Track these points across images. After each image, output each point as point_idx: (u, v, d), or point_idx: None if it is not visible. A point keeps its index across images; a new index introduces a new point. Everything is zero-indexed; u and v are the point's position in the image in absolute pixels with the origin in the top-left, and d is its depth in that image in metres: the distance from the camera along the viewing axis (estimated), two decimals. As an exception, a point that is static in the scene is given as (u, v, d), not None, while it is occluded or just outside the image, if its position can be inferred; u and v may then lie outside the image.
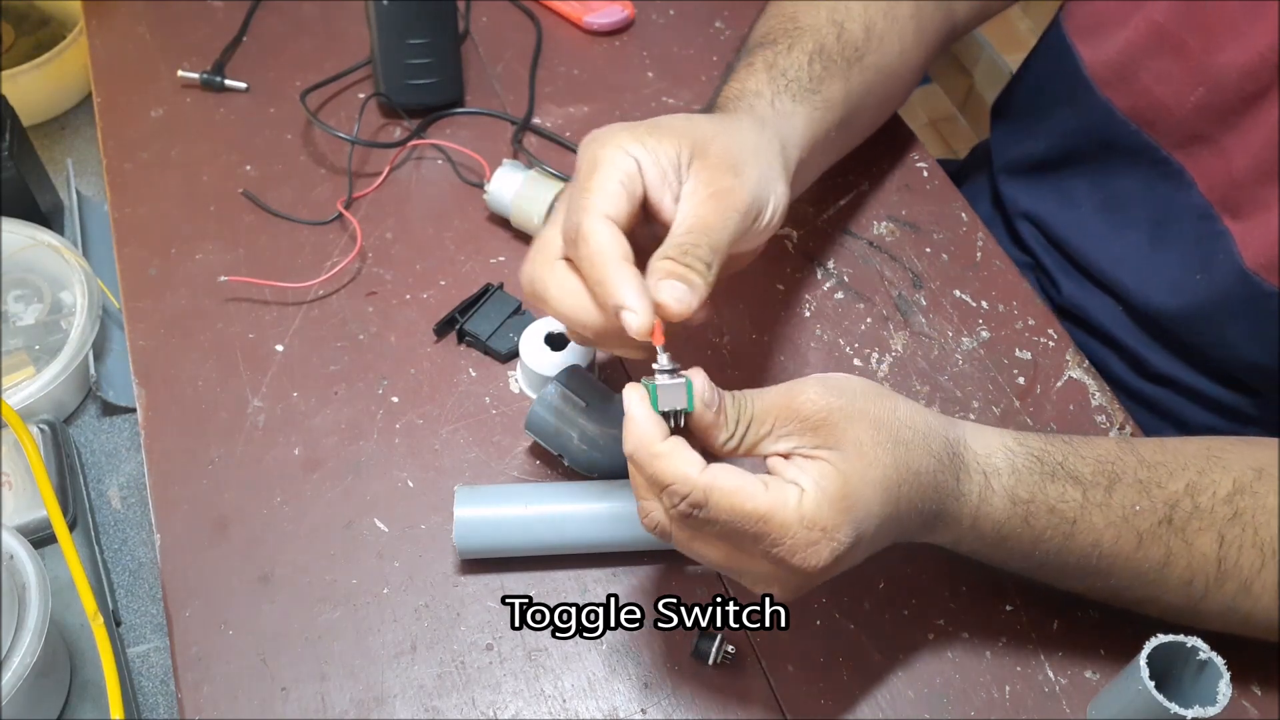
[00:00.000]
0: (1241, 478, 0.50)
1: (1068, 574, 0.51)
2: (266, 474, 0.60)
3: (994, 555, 0.51)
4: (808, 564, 0.42)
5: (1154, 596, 0.51)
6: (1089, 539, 0.49)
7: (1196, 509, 0.49)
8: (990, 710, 0.53)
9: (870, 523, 0.44)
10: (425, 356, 0.66)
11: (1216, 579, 0.49)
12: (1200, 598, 0.50)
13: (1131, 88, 0.67)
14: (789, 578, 0.44)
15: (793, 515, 0.42)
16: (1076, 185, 0.75)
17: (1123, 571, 0.50)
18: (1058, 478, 0.49)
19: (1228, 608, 0.50)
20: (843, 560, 0.44)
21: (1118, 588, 0.51)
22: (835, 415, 0.44)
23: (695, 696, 0.53)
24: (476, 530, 0.55)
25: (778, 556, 0.43)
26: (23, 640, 0.52)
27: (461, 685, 0.53)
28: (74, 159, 0.86)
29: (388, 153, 0.76)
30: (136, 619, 0.63)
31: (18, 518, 0.62)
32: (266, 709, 0.52)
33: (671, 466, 0.43)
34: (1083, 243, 0.74)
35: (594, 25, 0.86)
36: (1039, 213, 0.78)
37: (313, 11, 0.87)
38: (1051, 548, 0.49)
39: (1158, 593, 0.50)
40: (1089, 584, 0.52)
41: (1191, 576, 0.49)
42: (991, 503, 0.48)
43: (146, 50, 0.84)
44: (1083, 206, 0.74)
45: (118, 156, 0.76)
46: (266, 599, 0.55)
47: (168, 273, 0.69)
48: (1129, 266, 0.71)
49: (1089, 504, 0.49)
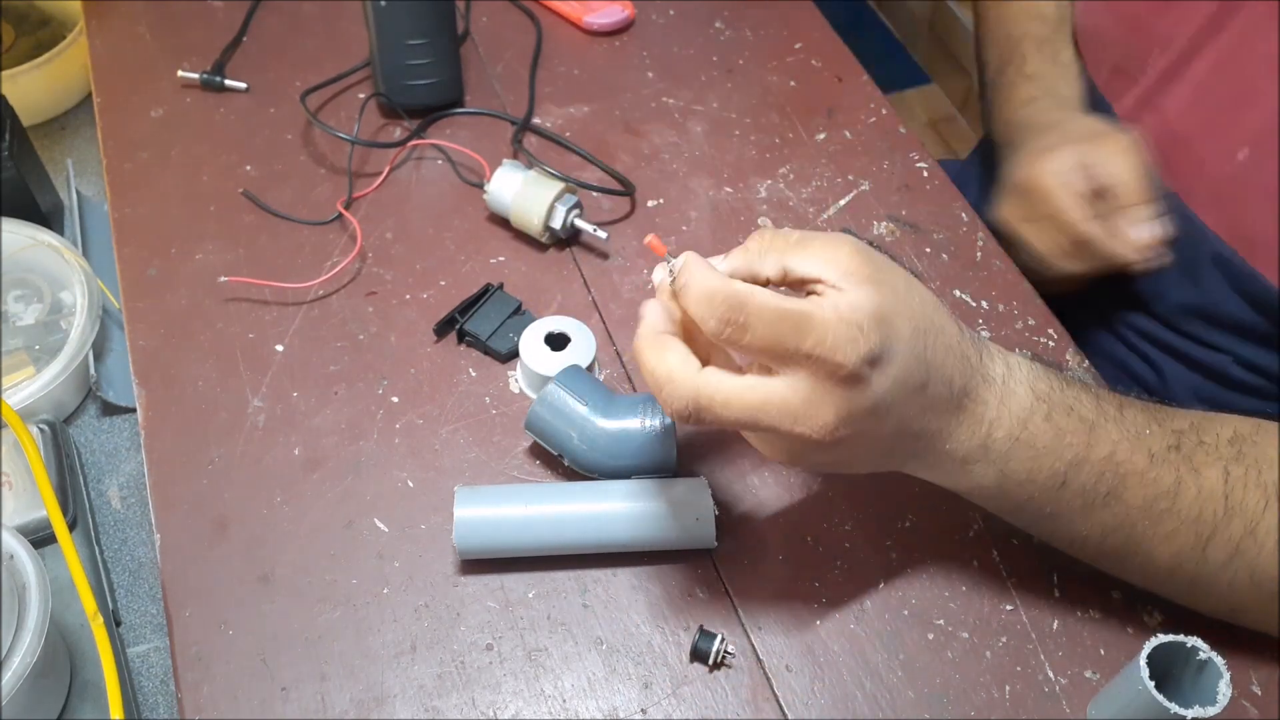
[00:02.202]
0: (1241, 428, 0.51)
1: (1085, 499, 0.49)
2: (266, 474, 0.60)
3: (1015, 470, 0.48)
4: (847, 359, 0.42)
5: (1163, 534, 0.50)
6: (1105, 448, 0.48)
7: (1201, 443, 0.50)
8: (990, 710, 0.53)
9: (900, 351, 0.43)
10: (425, 356, 0.66)
11: (1224, 516, 0.49)
12: (1208, 537, 0.49)
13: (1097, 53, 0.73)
14: (821, 391, 0.43)
15: (830, 313, 0.42)
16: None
17: (1136, 494, 0.49)
18: (1072, 384, 0.50)
19: (1233, 551, 0.49)
20: (872, 379, 0.43)
21: (1130, 525, 0.50)
22: (871, 265, 0.44)
23: (695, 696, 0.53)
24: (476, 530, 0.55)
25: (816, 354, 0.42)
26: (23, 640, 0.52)
27: (461, 685, 0.53)
28: (74, 159, 0.86)
29: (388, 153, 0.76)
30: (136, 619, 0.63)
31: (18, 518, 0.62)
32: (266, 709, 0.52)
33: (714, 278, 0.43)
34: None
35: (594, 25, 0.86)
36: None
37: (313, 11, 0.87)
38: (1070, 455, 0.48)
39: (1167, 528, 0.49)
40: (1103, 520, 0.50)
41: (1200, 509, 0.49)
42: (1015, 392, 0.48)
43: (146, 50, 0.84)
44: None
45: (118, 156, 0.76)
46: (266, 599, 0.56)
47: (168, 273, 0.69)
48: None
49: (1104, 413, 0.49)
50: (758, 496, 0.60)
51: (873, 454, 0.47)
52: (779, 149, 0.79)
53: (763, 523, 0.59)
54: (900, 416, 0.45)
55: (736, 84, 0.83)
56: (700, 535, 0.55)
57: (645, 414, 0.57)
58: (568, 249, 0.72)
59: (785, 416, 0.44)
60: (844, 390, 0.43)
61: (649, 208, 0.74)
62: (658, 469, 0.58)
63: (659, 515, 0.55)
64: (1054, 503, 0.50)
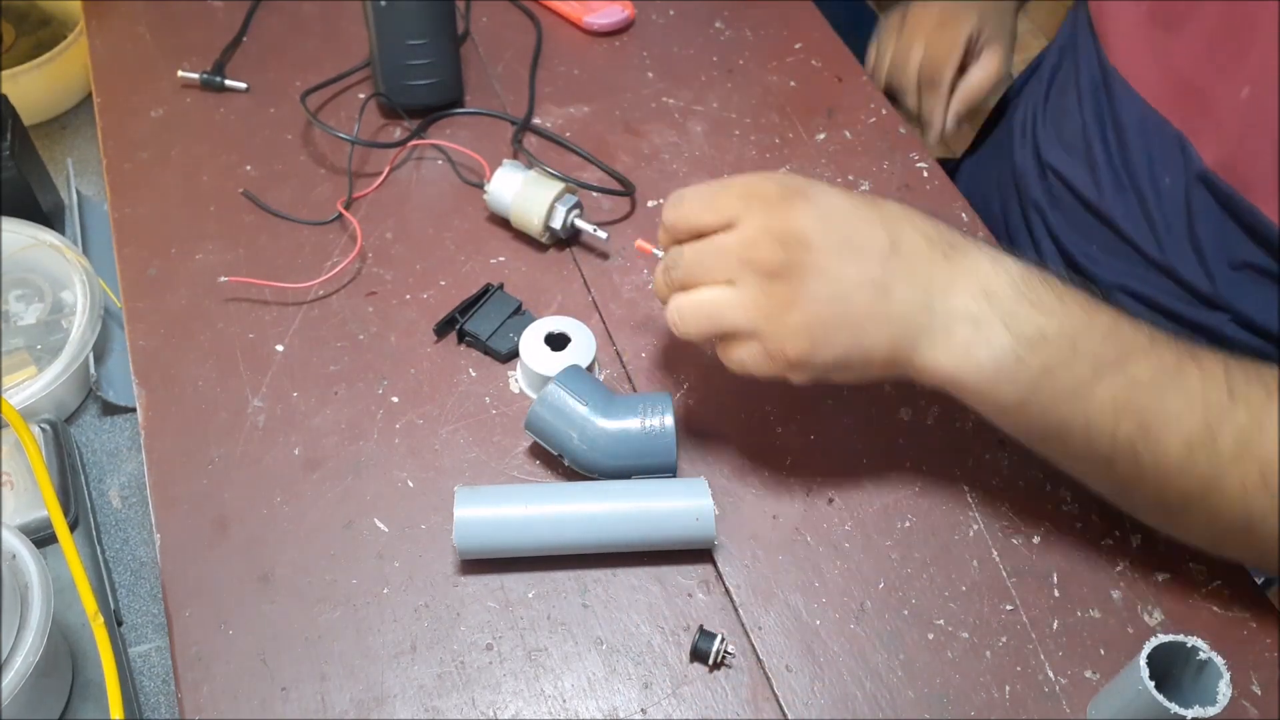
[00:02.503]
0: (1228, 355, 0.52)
1: (1095, 369, 0.49)
2: (266, 474, 0.60)
3: (1027, 330, 0.49)
4: (760, 182, 0.52)
5: (1173, 414, 0.49)
6: (1107, 319, 0.50)
7: (1195, 344, 0.51)
8: (990, 710, 0.53)
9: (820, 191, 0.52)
10: (425, 356, 0.66)
11: (1229, 402, 0.49)
12: (1217, 423, 0.48)
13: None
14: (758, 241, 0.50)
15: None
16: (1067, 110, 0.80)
17: (1140, 368, 0.49)
18: (1066, 286, 0.51)
19: (1243, 441, 0.48)
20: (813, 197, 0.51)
21: (1140, 404, 0.49)
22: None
23: (695, 696, 0.53)
24: (476, 530, 0.55)
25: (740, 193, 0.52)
26: (25, 640, 0.52)
27: (461, 685, 0.53)
28: (74, 159, 0.86)
29: (388, 153, 0.76)
30: (138, 619, 0.63)
31: (19, 517, 0.62)
32: (266, 709, 0.52)
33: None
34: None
35: (594, 25, 0.86)
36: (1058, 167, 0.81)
37: (313, 11, 0.87)
38: (1076, 321, 0.49)
39: (1176, 406, 0.49)
40: (1113, 397, 0.49)
41: (1205, 392, 0.49)
42: (1009, 259, 0.51)
43: (146, 50, 0.84)
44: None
45: (118, 156, 0.76)
46: (266, 599, 0.56)
47: (168, 273, 0.69)
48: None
49: (1097, 299, 0.51)
50: (758, 496, 0.60)
51: (864, 319, 0.50)
52: (779, 149, 0.79)
53: (763, 523, 0.59)
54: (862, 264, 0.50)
55: (736, 84, 0.83)
56: (700, 535, 0.55)
57: (645, 414, 0.57)
58: (568, 249, 0.72)
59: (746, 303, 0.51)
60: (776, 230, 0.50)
61: (649, 208, 0.74)
62: (658, 469, 0.58)
63: (659, 515, 0.55)
64: (1067, 372, 0.49)
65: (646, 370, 0.66)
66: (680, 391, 0.64)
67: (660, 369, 0.65)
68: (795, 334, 0.50)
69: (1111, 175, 0.73)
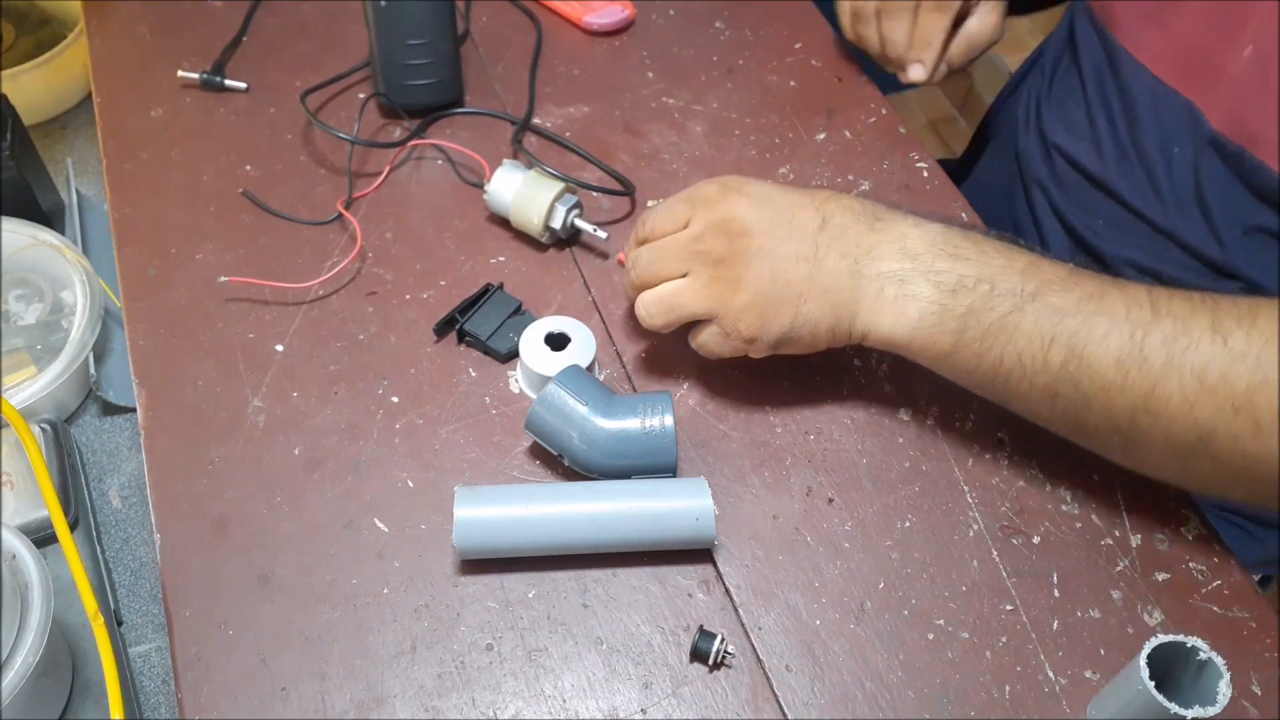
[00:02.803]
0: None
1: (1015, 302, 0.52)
2: (266, 474, 0.60)
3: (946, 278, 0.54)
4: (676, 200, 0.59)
5: (1099, 333, 0.51)
6: (1024, 257, 0.54)
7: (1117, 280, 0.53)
8: (990, 710, 0.53)
9: (766, 187, 0.58)
10: (425, 356, 0.66)
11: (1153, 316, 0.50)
12: (1143, 335, 0.50)
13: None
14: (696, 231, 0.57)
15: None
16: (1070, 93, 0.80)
17: (1061, 297, 0.52)
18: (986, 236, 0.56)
19: (1171, 347, 0.49)
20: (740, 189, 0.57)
21: (1068, 330, 0.51)
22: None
23: (695, 696, 0.53)
24: (476, 530, 0.55)
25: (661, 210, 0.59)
26: (25, 640, 0.52)
27: (461, 685, 0.53)
28: (74, 159, 0.86)
29: (388, 153, 0.76)
30: (138, 619, 0.63)
31: (19, 517, 0.62)
32: (266, 709, 0.52)
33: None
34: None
35: (594, 25, 0.86)
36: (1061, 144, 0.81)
37: (313, 11, 0.87)
38: (995, 264, 0.53)
39: (1101, 329, 0.51)
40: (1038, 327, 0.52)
41: (1128, 308, 0.51)
42: (925, 225, 0.56)
43: (146, 50, 0.84)
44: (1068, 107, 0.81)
45: (118, 156, 0.76)
46: (266, 599, 0.56)
47: (168, 273, 0.69)
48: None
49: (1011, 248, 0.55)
50: (758, 496, 0.60)
51: (803, 292, 0.55)
52: (779, 149, 0.79)
53: (763, 523, 0.59)
54: (796, 242, 0.55)
55: (736, 84, 0.83)
56: (700, 535, 0.55)
57: (645, 414, 0.57)
58: (568, 249, 0.72)
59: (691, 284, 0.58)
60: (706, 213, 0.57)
61: (649, 208, 0.74)
62: (658, 469, 0.58)
63: (659, 515, 0.55)
64: (990, 311, 0.53)
65: (646, 370, 0.66)
66: (680, 391, 0.64)
67: (660, 369, 0.65)
68: (745, 311, 0.56)
69: (1118, 150, 0.74)
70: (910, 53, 0.77)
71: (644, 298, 0.60)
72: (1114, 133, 0.75)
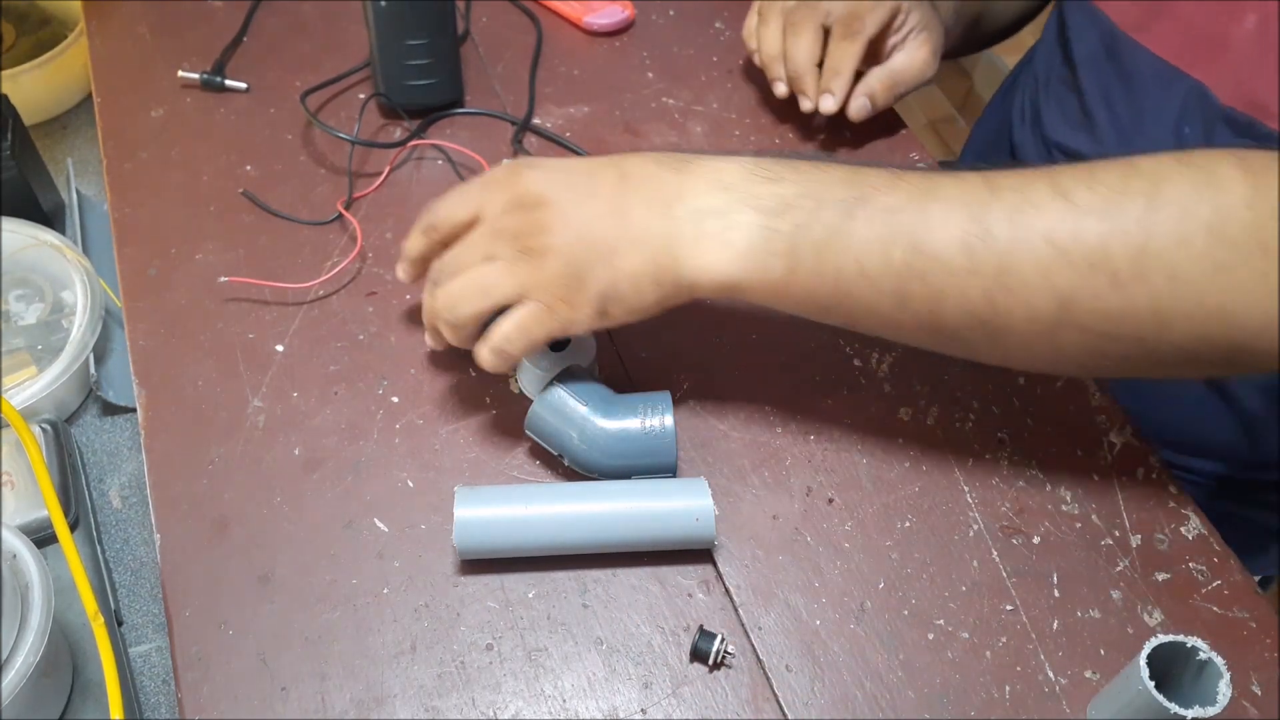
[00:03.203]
0: None
1: (844, 212, 0.50)
2: (266, 474, 0.60)
3: (767, 203, 0.51)
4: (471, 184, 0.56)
5: (939, 223, 0.49)
6: (841, 170, 0.52)
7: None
8: (990, 710, 0.53)
9: (555, 160, 0.56)
10: (425, 356, 0.66)
11: (990, 196, 0.48)
12: (983, 216, 0.48)
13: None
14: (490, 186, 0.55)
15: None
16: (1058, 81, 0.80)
17: (890, 197, 0.50)
18: (800, 157, 0.54)
19: (1016, 224, 0.47)
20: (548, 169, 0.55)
21: (902, 229, 0.49)
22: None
23: (695, 696, 0.53)
24: (476, 530, 0.55)
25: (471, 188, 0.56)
26: (26, 640, 0.52)
27: (461, 685, 0.53)
28: (74, 159, 0.86)
29: (388, 153, 0.76)
30: (138, 619, 0.63)
31: (20, 517, 0.62)
32: (266, 709, 0.52)
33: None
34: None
35: (594, 25, 0.86)
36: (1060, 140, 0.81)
37: (313, 12, 0.87)
38: (814, 178, 0.51)
39: (938, 215, 0.49)
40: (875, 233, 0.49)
41: (962, 191, 0.49)
42: (735, 158, 0.54)
43: (146, 50, 0.84)
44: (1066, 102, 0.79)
45: (118, 156, 0.76)
46: (266, 599, 0.56)
47: (168, 273, 0.70)
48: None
49: (828, 163, 0.53)
50: (758, 496, 0.60)
51: (614, 246, 0.52)
52: (779, 149, 0.78)
53: (763, 523, 0.59)
54: (596, 200, 0.53)
55: (736, 84, 0.83)
56: (700, 535, 0.55)
57: (645, 414, 0.57)
58: (568, 249, 0.72)
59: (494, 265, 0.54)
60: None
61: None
62: (658, 469, 0.58)
63: (659, 515, 0.55)
64: (819, 223, 0.50)
65: (646, 370, 0.66)
66: (680, 391, 0.64)
67: (660, 369, 0.66)
68: (558, 280, 0.53)
69: (1120, 138, 0.74)
70: (821, 82, 0.75)
71: (449, 289, 0.55)
72: (1115, 121, 0.75)
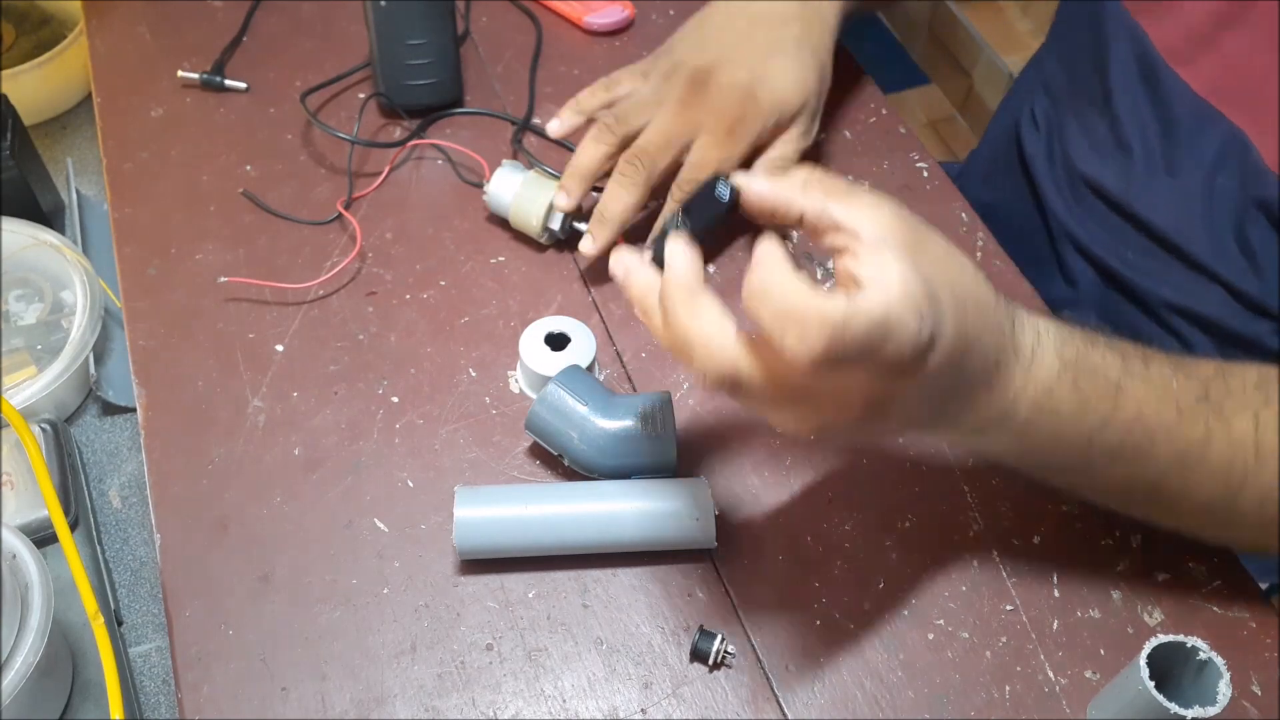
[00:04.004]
0: (1265, 372, 0.51)
1: (1111, 456, 0.49)
2: (266, 474, 0.60)
3: (1037, 438, 0.48)
4: (902, 351, 0.39)
5: (1192, 485, 0.50)
6: (1132, 408, 0.48)
7: (1229, 390, 0.49)
8: (990, 710, 0.53)
9: (947, 330, 0.41)
10: (425, 356, 0.66)
11: (1255, 464, 0.49)
12: (1239, 486, 0.49)
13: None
14: (879, 381, 0.41)
15: (883, 307, 0.38)
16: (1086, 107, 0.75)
17: (1165, 449, 0.49)
18: (1097, 344, 0.48)
19: (1264, 497, 0.49)
20: (927, 358, 0.40)
21: (1158, 476, 0.50)
22: (912, 230, 0.42)
23: (695, 696, 0.53)
24: (476, 530, 0.55)
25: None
26: (25, 640, 0.52)
27: (461, 685, 0.53)
28: (74, 159, 0.86)
29: (387, 153, 0.76)
30: (138, 619, 0.63)
31: (19, 517, 0.62)
32: (266, 709, 0.52)
33: (804, 294, 0.38)
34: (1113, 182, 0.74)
35: (594, 25, 0.86)
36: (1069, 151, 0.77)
37: (313, 11, 0.87)
38: (1097, 419, 0.48)
39: (1196, 479, 0.50)
40: (1130, 473, 0.50)
41: (1231, 458, 0.49)
42: (1043, 360, 0.46)
43: (146, 50, 0.84)
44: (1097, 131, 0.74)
45: (118, 156, 0.76)
46: (266, 599, 0.56)
47: (168, 273, 0.69)
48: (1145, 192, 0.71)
49: (1129, 373, 0.48)
50: (757, 496, 0.60)
51: (900, 426, 0.46)
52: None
53: (763, 523, 0.59)
54: (936, 390, 0.43)
55: (736, 84, 0.83)
56: (700, 535, 0.55)
57: (645, 414, 0.57)
58: (567, 249, 0.72)
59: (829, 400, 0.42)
60: (891, 377, 0.41)
61: (648, 208, 0.74)
62: (658, 469, 0.58)
63: (659, 515, 0.55)
64: (1078, 461, 0.49)
65: (646, 370, 0.66)
66: (680, 391, 0.64)
67: (660, 369, 0.65)
68: (833, 431, 0.45)
69: (1149, 173, 0.70)
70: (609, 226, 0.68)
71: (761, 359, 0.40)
72: (1149, 157, 0.70)
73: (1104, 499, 0.54)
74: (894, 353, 0.39)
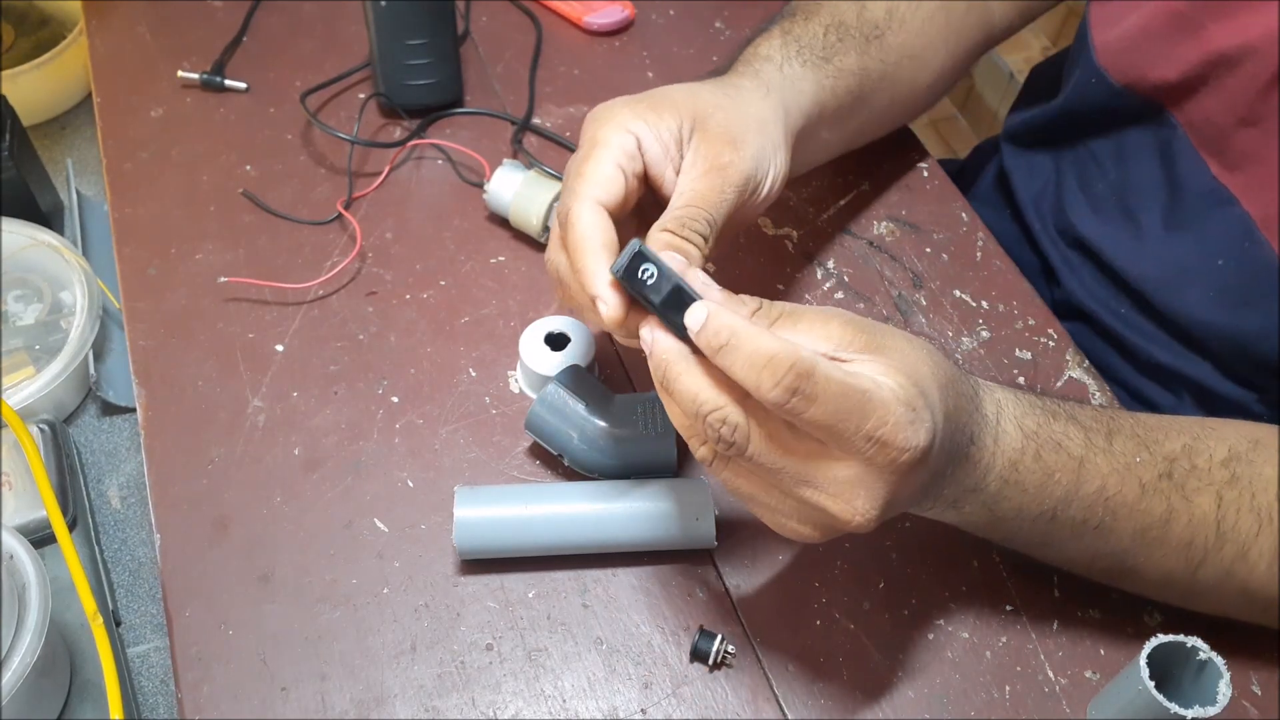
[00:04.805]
0: (1236, 446, 0.50)
1: (1075, 531, 0.49)
2: (266, 474, 0.60)
3: (1004, 509, 0.48)
4: (911, 443, 0.40)
5: (1154, 561, 0.50)
6: (1095, 483, 0.48)
7: (1194, 468, 0.49)
8: (990, 710, 0.53)
9: (938, 418, 0.42)
10: (425, 356, 0.66)
11: (1215, 541, 0.49)
12: (1199, 562, 0.50)
13: (1131, 59, 0.66)
14: (874, 474, 0.41)
15: (889, 393, 0.40)
16: (1085, 161, 0.73)
17: (1126, 525, 0.49)
18: (1059, 417, 0.48)
19: (1225, 574, 0.50)
20: (927, 460, 0.41)
21: (1120, 551, 0.50)
22: (865, 333, 0.42)
23: (695, 696, 0.53)
24: (476, 530, 0.55)
25: (881, 438, 0.39)
26: (23, 640, 0.52)
27: (461, 685, 0.53)
28: (74, 159, 0.86)
29: (387, 153, 0.76)
30: (136, 619, 0.63)
31: (18, 518, 0.62)
32: (266, 709, 0.52)
33: (770, 339, 0.39)
34: (1092, 232, 0.72)
35: (594, 25, 0.86)
36: (1046, 197, 0.76)
37: (313, 11, 0.87)
38: (1060, 491, 0.48)
39: (1158, 555, 0.50)
40: (1093, 547, 0.50)
41: (1191, 536, 0.49)
42: (1007, 431, 0.46)
43: (146, 50, 0.84)
44: (1096, 186, 0.73)
45: (118, 156, 0.76)
46: (266, 599, 0.56)
47: (168, 273, 0.69)
48: (1140, 254, 0.69)
49: (1092, 446, 0.48)
50: (758, 496, 0.60)
51: (898, 511, 0.46)
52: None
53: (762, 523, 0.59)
54: (930, 474, 0.44)
55: (736, 84, 0.83)
56: (700, 535, 0.55)
57: (645, 414, 0.57)
58: (568, 249, 0.72)
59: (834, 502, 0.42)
60: (901, 473, 0.41)
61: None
62: (657, 469, 0.58)
63: (659, 515, 0.55)
64: (1043, 534, 0.50)
65: (646, 370, 0.65)
66: (680, 391, 0.64)
67: (660, 369, 0.65)
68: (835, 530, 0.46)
69: (1153, 243, 0.68)
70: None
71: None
72: (1152, 225, 0.68)
73: (1070, 568, 0.55)
74: (889, 439, 0.40)
